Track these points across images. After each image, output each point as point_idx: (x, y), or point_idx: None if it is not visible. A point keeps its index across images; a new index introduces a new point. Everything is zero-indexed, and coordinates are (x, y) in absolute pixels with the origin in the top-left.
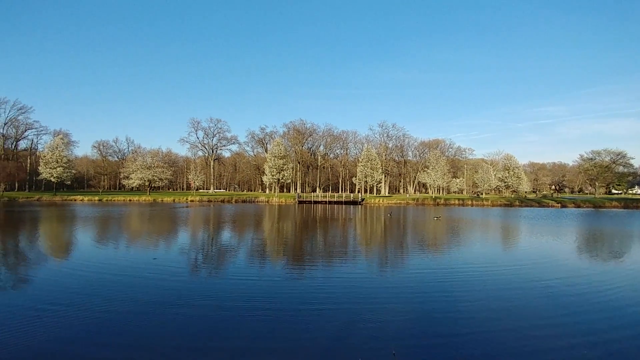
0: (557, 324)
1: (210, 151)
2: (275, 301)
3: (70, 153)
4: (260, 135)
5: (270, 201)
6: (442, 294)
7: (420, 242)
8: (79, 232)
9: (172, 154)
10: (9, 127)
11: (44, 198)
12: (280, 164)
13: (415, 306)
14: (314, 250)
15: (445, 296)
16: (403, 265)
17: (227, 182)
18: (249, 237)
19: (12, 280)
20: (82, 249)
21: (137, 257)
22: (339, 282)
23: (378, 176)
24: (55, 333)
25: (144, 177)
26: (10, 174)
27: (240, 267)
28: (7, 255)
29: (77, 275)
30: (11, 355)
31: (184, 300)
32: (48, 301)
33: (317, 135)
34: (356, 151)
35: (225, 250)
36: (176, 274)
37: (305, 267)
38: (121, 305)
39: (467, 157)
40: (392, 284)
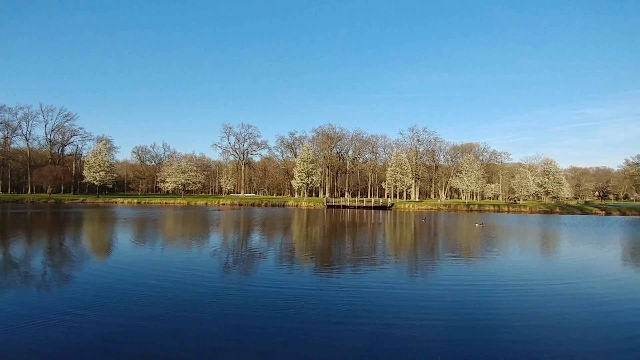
0: (620, 350)
1: (241, 156)
2: (302, 308)
3: (111, 158)
4: (290, 140)
5: (299, 205)
6: (481, 307)
7: (458, 250)
8: (120, 233)
9: (205, 158)
10: (56, 134)
11: (87, 200)
12: (309, 169)
13: (453, 320)
14: (343, 256)
15: (485, 310)
16: (437, 274)
17: (257, 186)
18: (278, 241)
19: (57, 279)
20: (121, 249)
21: (171, 259)
22: (368, 289)
23: (408, 181)
24: (94, 331)
25: (178, 181)
26: (57, 178)
27: (269, 272)
28: (52, 254)
29: (116, 274)
30: (55, 351)
31: (209, 305)
32: (88, 299)
33: (346, 139)
34: (385, 156)
35: (255, 254)
36: (206, 278)
37: (333, 274)
38: (151, 307)
39: (502, 162)
40: (427, 294)
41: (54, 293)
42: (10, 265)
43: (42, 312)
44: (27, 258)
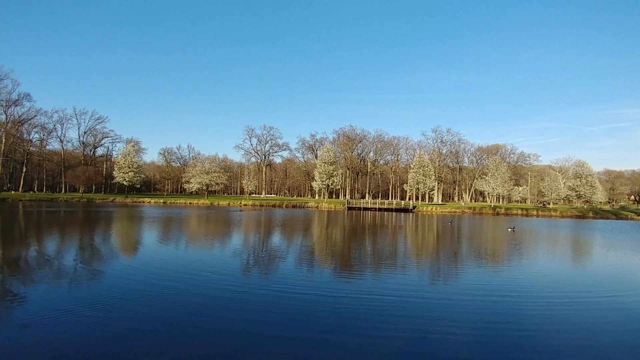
0: None
1: (262, 157)
2: (321, 315)
3: (140, 159)
4: (311, 142)
5: (320, 207)
6: (510, 321)
7: (484, 255)
8: (146, 232)
9: (228, 159)
10: (88, 136)
11: (117, 199)
12: (330, 170)
13: (478, 335)
14: (363, 260)
15: (514, 324)
16: (462, 282)
17: (278, 187)
18: (298, 242)
19: (86, 276)
20: (147, 248)
21: (193, 259)
22: (388, 296)
23: (431, 183)
24: (111, 329)
25: (202, 182)
26: (89, 178)
27: (288, 275)
28: (84, 251)
29: (140, 273)
30: (85, 341)
31: (226, 309)
32: (112, 297)
33: (367, 141)
34: (407, 157)
35: (275, 256)
36: (226, 281)
37: (353, 278)
38: (168, 309)
39: (531, 164)
40: (450, 303)
41: (82, 289)
42: (44, 261)
43: (71, 306)
44: (60, 255)
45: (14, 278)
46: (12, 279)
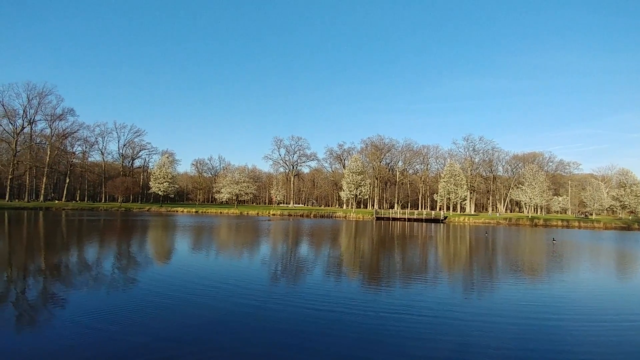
0: None
1: (290, 167)
2: (348, 329)
3: (174, 170)
4: (338, 152)
5: (348, 217)
6: (552, 346)
7: (522, 269)
8: (179, 240)
9: (257, 170)
10: (127, 148)
11: (153, 209)
12: (358, 180)
13: (518, 352)
14: (392, 271)
15: (557, 349)
16: (500, 297)
17: (306, 197)
18: (325, 253)
19: (122, 281)
20: (180, 255)
21: (222, 267)
22: (417, 310)
23: (463, 193)
24: (142, 334)
25: (232, 192)
26: (127, 188)
27: (315, 285)
28: (121, 257)
29: (172, 280)
30: (118, 342)
31: (252, 318)
32: (145, 302)
33: (396, 150)
34: (438, 166)
35: (302, 266)
36: (253, 290)
37: (382, 291)
38: (196, 316)
39: (571, 172)
40: (487, 320)
41: (118, 295)
42: (84, 267)
43: (108, 311)
44: (99, 261)
45: (56, 283)
46: (54, 283)
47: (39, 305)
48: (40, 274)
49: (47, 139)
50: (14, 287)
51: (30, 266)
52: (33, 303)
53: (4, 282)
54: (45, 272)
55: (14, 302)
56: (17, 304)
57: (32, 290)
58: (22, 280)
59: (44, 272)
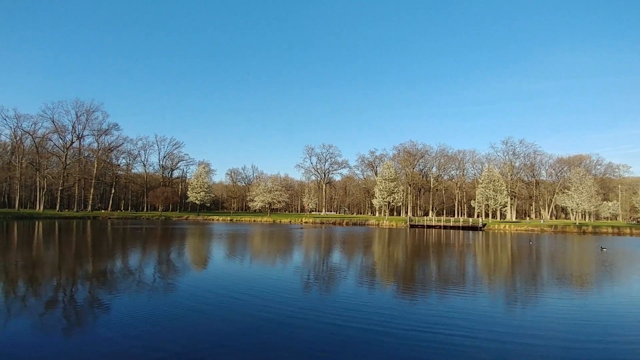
0: None
1: (322, 175)
2: (382, 339)
3: (209, 180)
4: (370, 159)
5: (381, 224)
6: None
7: (570, 280)
8: (215, 247)
9: (289, 178)
10: (167, 160)
11: (190, 217)
12: (391, 187)
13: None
14: (428, 280)
15: None
16: (546, 309)
17: (338, 204)
18: (358, 261)
19: (162, 286)
20: (215, 262)
21: (256, 274)
22: (453, 320)
23: (502, 199)
24: (178, 339)
25: (265, 200)
26: (167, 198)
27: (347, 294)
28: (161, 264)
29: (208, 286)
30: (162, 345)
31: (284, 326)
32: (182, 307)
33: (430, 156)
34: (475, 172)
35: (335, 274)
36: (285, 297)
37: (416, 301)
38: (229, 323)
39: (621, 176)
40: (531, 334)
41: (159, 300)
42: (128, 273)
43: (148, 315)
44: (141, 267)
45: (102, 288)
46: (100, 288)
47: (85, 309)
48: (88, 279)
49: (94, 152)
50: (63, 292)
51: (78, 272)
52: (80, 307)
53: (54, 287)
54: (92, 277)
55: (64, 306)
56: (66, 307)
57: (80, 295)
58: (71, 285)
59: (91, 278)
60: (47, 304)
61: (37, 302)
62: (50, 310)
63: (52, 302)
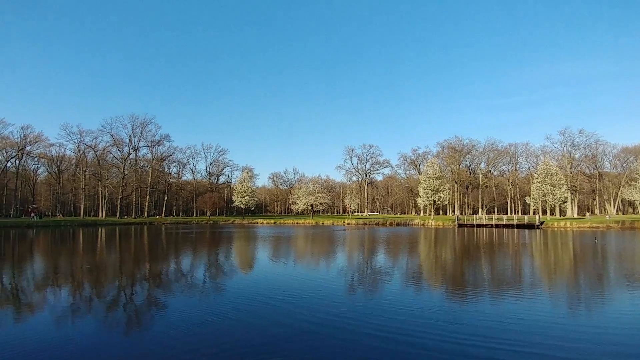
0: None
1: (363, 176)
2: (432, 349)
3: (253, 184)
4: (413, 157)
5: (426, 224)
6: None
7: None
8: (261, 250)
9: (330, 180)
10: (213, 166)
11: (236, 221)
12: (436, 185)
13: None
14: (480, 283)
15: None
16: (614, 314)
17: (380, 205)
18: (403, 262)
19: (212, 288)
20: (261, 264)
21: (300, 277)
22: (514, 327)
23: (562, 194)
24: (222, 339)
25: (307, 202)
26: (214, 203)
27: (394, 297)
28: (210, 266)
29: (256, 286)
30: (208, 345)
31: (328, 331)
32: (230, 308)
33: (477, 151)
34: (529, 166)
35: (380, 277)
36: (330, 300)
37: (467, 304)
38: (277, 325)
39: None
40: (599, 339)
41: (209, 301)
42: (180, 275)
43: (200, 313)
44: (192, 270)
45: (158, 289)
46: (156, 289)
47: (143, 309)
48: (145, 280)
49: (149, 162)
50: (123, 293)
51: (137, 274)
52: (139, 307)
53: (116, 288)
54: (148, 279)
55: (124, 306)
56: (126, 307)
57: (139, 296)
58: (131, 286)
59: (148, 279)
60: (110, 305)
61: (101, 302)
62: (113, 310)
63: (115, 302)
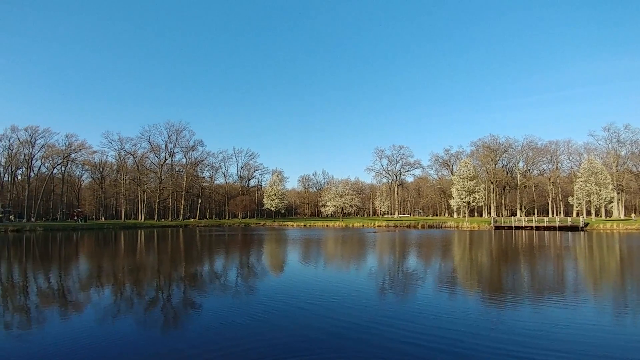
0: None
1: (394, 177)
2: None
3: (283, 187)
4: (445, 157)
5: (460, 226)
6: None
7: None
8: (291, 252)
9: (359, 182)
10: (244, 170)
11: (267, 224)
12: (470, 186)
13: None
14: (518, 288)
15: None
16: None
17: (411, 207)
18: (437, 266)
19: (245, 289)
20: (291, 266)
21: (330, 280)
22: (557, 336)
23: (607, 194)
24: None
25: (337, 205)
26: (245, 206)
27: (426, 302)
28: (242, 268)
29: (287, 288)
30: (240, 346)
31: (359, 337)
32: (265, 307)
33: (514, 150)
34: (571, 164)
35: (412, 281)
36: (360, 305)
37: (506, 307)
38: (308, 328)
39: None
40: None
41: (241, 302)
42: (215, 276)
43: (232, 314)
44: (225, 271)
45: (193, 290)
46: (190, 291)
47: (179, 309)
48: (181, 281)
49: (184, 167)
50: (161, 293)
51: (173, 275)
52: (175, 307)
53: (154, 289)
54: (184, 279)
55: (162, 306)
56: (164, 307)
57: (175, 296)
58: (168, 287)
59: (183, 280)
60: (148, 304)
61: (140, 302)
62: (151, 310)
63: (153, 302)
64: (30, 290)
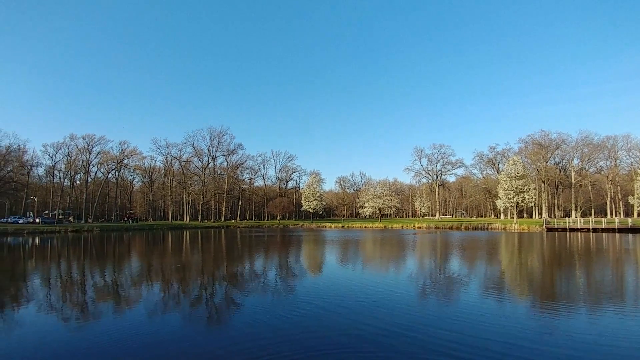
0: None
1: (434, 177)
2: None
3: (320, 189)
4: (490, 155)
5: (508, 228)
6: None
7: None
8: (330, 253)
9: (398, 182)
10: (282, 172)
11: (305, 225)
12: (519, 185)
13: None
14: (573, 293)
15: None
16: None
17: (454, 207)
18: (482, 268)
19: (284, 289)
20: (329, 268)
21: (368, 283)
22: (615, 345)
23: None
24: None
25: (375, 206)
26: (284, 207)
27: (470, 308)
28: (282, 268)
29: (325, 290)
30: (278, 346)
31: (397, 342)
32: (303, 308)
33: (568, 146)
34: (631, 161)
35: (454, 285)
36: (399, 309)
37: (560, 315)
38: (341, 334)
39: None
40: None
41: (280, 302)
42: (256, 275)
43: (271, 314)
44: (265, 271)
45: (234, 289)
46: (232, 289)
47: (221, 307)
48: (224, 280)
49: (225, 170)
50: (204, 292)
51: (216, 274)
52: (217, 305)
53: (199, 287)
54: (226, 278)
55: (205, 304)
56: (207, 304)
57: (217, 294)
58: (211, 285)
59: (225, 279)
60: (193, 301)
61: (186, 299)
62: (196, 307)
63: (198, 300)
64: (87, 286)
